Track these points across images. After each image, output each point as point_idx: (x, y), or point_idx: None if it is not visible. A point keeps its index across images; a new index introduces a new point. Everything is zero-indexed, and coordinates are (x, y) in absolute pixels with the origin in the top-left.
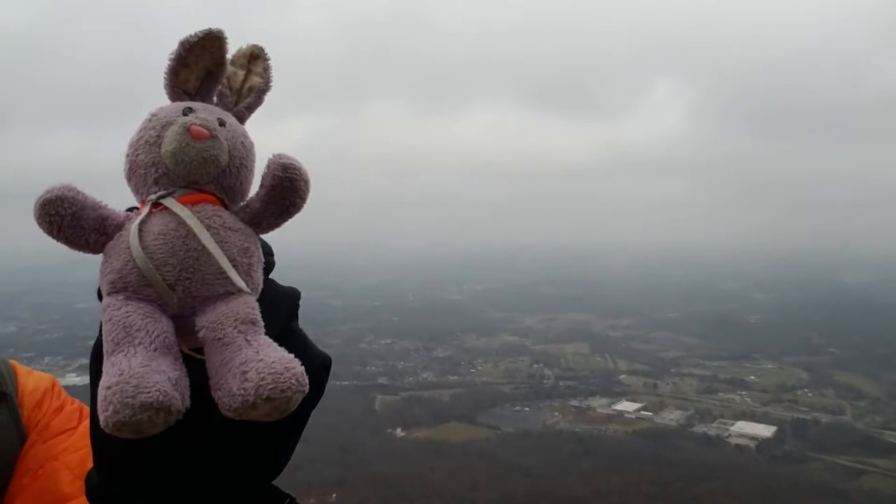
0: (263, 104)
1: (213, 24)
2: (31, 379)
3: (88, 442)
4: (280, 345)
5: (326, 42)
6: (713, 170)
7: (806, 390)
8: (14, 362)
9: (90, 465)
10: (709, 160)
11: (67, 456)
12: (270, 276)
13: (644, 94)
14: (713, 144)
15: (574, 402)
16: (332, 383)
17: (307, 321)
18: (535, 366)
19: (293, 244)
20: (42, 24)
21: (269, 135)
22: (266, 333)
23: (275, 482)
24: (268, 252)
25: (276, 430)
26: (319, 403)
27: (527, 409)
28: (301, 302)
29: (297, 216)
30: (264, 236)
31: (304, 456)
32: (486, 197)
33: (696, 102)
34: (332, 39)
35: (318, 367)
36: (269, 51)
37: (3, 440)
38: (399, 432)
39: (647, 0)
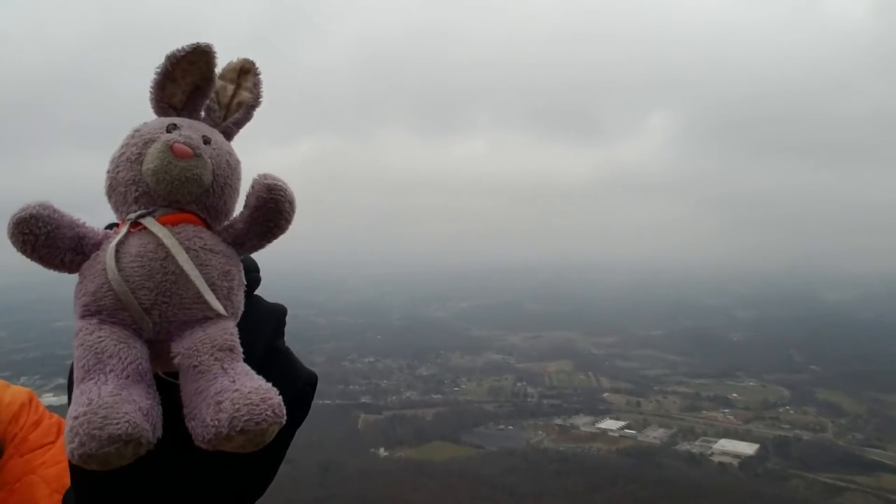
0: (277, 122)
1: (238, 52)
2: (8, 393)
3: (66, 456)
4: (265, 364)
5: (346, 70)
6: (701, 191)
7: (788, 408)
8: None
9: (68, 479)
10: (697, 182)
11: (45, 470)
12: (256, 292)
13: (639, 119)
14: (702, 167)
15: (558, 421)
16: (315, 402)
17: (292, 338)
18: (518, 384)
19: (283, 261)
20: (86, 58)
21: (277, 153)
22: (251, 352)
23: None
24: (253, 268)
25: (261, 450)
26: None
27: (510, 427)
28: (286, 320)
29: (287, 234)
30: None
31: (286, 475)
32: (483, 217)
33: (687, 127)
34: (351, 68)
35: (303, 385)
36: (298, 78)
37: None
38: (382, 452)
39: (647, 35)
